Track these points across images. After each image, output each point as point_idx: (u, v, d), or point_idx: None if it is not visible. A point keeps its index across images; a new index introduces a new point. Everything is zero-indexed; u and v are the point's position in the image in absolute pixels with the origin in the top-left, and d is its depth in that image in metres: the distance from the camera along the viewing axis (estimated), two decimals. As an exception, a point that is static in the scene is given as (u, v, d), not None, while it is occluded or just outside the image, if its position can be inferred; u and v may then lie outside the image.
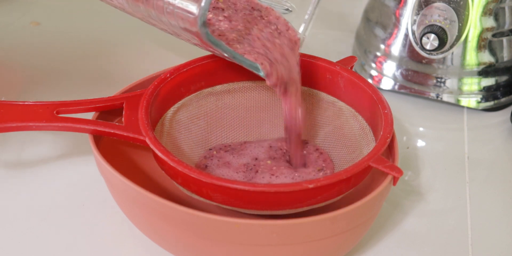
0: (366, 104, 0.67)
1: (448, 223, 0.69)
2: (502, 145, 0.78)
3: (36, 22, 0.95)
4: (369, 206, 0.59)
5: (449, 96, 0.81)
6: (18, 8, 0.98)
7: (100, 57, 0.89)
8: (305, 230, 0.57)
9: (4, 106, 0.62)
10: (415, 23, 0.78)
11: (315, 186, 0.57)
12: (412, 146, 0.77)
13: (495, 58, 0.80)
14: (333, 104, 0.70)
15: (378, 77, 0.83)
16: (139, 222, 0.62)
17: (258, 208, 0.59)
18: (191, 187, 0.59)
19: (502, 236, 0.68)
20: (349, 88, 0.68)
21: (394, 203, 0.70)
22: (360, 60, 0.84)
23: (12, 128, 0.61)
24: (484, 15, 0.77)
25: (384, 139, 0.61)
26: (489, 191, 0.72)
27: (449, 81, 0.80)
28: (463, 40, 0.78)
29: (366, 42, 0.84)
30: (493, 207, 0.71)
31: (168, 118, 0.67)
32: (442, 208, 0.71)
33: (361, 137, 0.67)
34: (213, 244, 0.58)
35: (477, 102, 0.81)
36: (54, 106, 0.63)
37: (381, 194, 0.59)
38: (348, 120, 0.69)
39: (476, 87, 0.81)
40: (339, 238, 0.59)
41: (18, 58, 0.89)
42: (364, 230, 0.62)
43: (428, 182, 0.73)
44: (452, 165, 0.75)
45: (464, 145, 0.78)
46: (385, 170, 0.59)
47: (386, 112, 0.64)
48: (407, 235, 0.67)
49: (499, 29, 0.79)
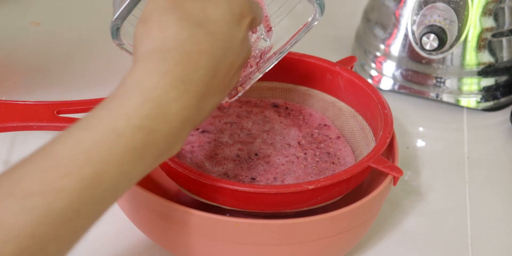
0: (366, 104, 0.67)
1: (448, 223, 0.69)
2: (502, 145, 0.78)
3: (36, 22, 0.95)
4: (369, 206, 0.59)
5: (449, 96, 0.81)
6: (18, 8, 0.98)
7: (101, 57, 0.89)
8: (305, 229, 0.57)
9: (5, 106, 0.62)
10: (414, 23, 0.78)
11: (315, 187, 0.57)
12: (412, 146, 0.77)
13: (494, 58, 0.80)
14: (333, 104, 0.70)
15: (378, 77, 0.83)
16: (139, 222, 0.62)
17: (259, 209, 0.59)
18: (191, 188, 0.59)
19: (502, 235, 0.68)
20: (349, 88, 0.68)
21: (394, 203, 0.70)
22: (360, 60, 0.84)
23: (13, 128, 0.61)
24: (483, 15, 0.77)
25: (384, 139, 0.61)
26: (488, 191, 0.72)
27: (448, 81, 0.80)
28: (462, 40, 0.78)
29: (366, 42, 0.84)
30: (492, 206, 0.71)
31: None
32: (442, 208, 0.71)
33: (361, 137, 0.67)
34: (213, 244, 0.58)
35: (477, 102, 0.81)
36: (55, 106, 0.63)
37: (381, 194, 0.59)
38: (348, 120, 0.69)
39: (476, 87, 0.81)
40: (339, 238, 0.59)
41: (18, 58, 0.89)
42: (364, 230, 0.62)
43: (428, 182, 0.73)
44: (452, 165, 0.75)
45: (464, 145, 0.78)
46: (385, 170, 0.59)
47: (386, 112, 0.64)
48: (407, 235, 0.67)
49: (499, 29, 0.79)
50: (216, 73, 0.49)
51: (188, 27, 0.48)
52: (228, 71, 0.51)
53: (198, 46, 0.48)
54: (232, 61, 0.51)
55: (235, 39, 0.50)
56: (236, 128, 0.68)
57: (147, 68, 0.47)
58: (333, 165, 0.65)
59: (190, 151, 0.65)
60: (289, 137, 0.68)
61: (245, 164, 0.64)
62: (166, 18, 0.49)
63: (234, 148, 0.66)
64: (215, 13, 0.50)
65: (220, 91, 0.51)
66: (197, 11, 0.49)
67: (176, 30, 0.48)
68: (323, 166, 0.65)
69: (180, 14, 0.49)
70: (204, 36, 0.48)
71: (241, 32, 0.51)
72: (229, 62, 0.50)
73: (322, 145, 0.67)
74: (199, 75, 0.48)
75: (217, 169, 0.64)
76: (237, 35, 0.51)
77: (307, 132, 0.68)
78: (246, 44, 0.52)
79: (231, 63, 0.50)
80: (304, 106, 0.71)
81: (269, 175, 0.63)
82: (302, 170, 0.64)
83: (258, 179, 0.63)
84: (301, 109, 0.71)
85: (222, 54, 0.49)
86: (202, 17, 0.49)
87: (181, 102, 0.47)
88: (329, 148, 0.67)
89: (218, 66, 0.49)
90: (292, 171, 0.64)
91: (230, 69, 0.51)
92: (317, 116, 0.70)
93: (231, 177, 0.63)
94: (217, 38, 0.49)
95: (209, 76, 0.49)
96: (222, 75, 0.50)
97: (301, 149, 0.66)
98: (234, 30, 0.50)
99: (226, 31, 0.50)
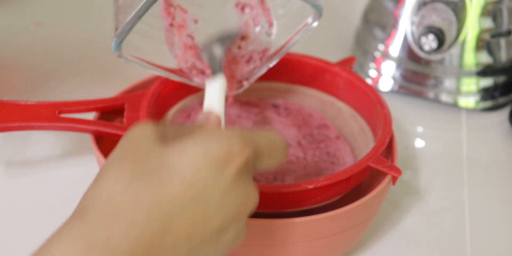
0: (365, 104, 0.67)
1: (447, 222, 0.69)
2: (501, 145, 0.79)
3: (38, 23, 0.95)
4: (368, 205, 0.59)
5: (447, 96, 0.81)
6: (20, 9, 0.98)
7: (102, 58, 0.89)
8: (304, 229, 0.57)
9: (6, 106, 0.62)
10: (413, 23, 0.79)
11: (315, 186, 0.57)
12: (411, 146, 0.78)
13: (493, 59, 0.80)
14: (332, 105, 0.70)
15: (377, 77, 0.83)
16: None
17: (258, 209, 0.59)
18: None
19: (500, 235, 0.68)
20: (348, 89, 0.69)
21: (393, 203, 0.70)
22: (359, 60, 0.84)
23: (14, 128, 0.62)
24: (482, 15, 0.78)
25: (383, 139, 0.62)
26: (487, 191, 0.73)
27: (447, 81, 0.81)
28: (461, 41, 0.78)
29: (365, 43, 0.84)
30: (491, 206, 0.71)
31: (169, 118, 0.67)
32: (440, 208, 0.71)
33: (361, 137, 0.67)
34: (214, 243, 0.58)
35: (476, 102, 0.82)
36: (56, 106, 0.63)
37: (380, 193, 0.59)
38: (347, 120, 0.69)
39: (475, 88, 0.81)
40: (338, 237, 0.59)
41: (20, 59, 0.89)
42: (363, 230, 0.62)
43: (426, 182, 0.73)
44: (451, 165, 0.75)
45: (462, 145, 0.78)
46: (384, 170, 0.60)
47: (385, 112, 0.64)
48: (405, 234, 0.68)
49: (497, 30, 0.79)
50: (164, 235, 0.38)
51: (126, 178, 0.39)
52: (196, 232, 0.39)
53: (135, 198, 0.38)
54: (206, 219, 0.39)
55: (210, 190, 0.40)
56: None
57: (64, 229, 0.39)
58: (333, 165, 0.66)
59: None
60: (289, 137, 0.68)
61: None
62: (110, 167, 0.41)
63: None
64: (177, 159, 0.39)
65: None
66: (151, 157, 0.40)
67: (111, 181, 0.40)
68: (322, 166, 0.65)
69: (124, 163, 0.40)
70: (146, 188, 0.38)
71: (224, 179, 0.40)
72: (200, 220, 0.39)
73: (321, 145, 0.67)
74: (129, 238, 0.37)
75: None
76: (215, 186, 0.40)
77: (307, 132, 0.69)
78: (231, 197, 0.41)
79: (203, 222, 0.39)
80: (304, 106, 0.71)
81: (268, 175, 0.64)
82: (302, 170, 0.64)
83: (258, 179, 0.63)
84: (300, 109, 0.71)
85: (178, 210, 0.38)
86: (154, 165, 0.39)
87: None
88: (329, 148, 0.67)
89: (168, 226, 0.38)
90: (292, 171, 0.64)
91: (204, 228, 0.40)
92: (317, 116, 0.70)
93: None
94: (172, 189, 0.38)
95: (149, 239, 0.38)
96: (183, 237, 0.39)
97: (301, 149, 0.67)
98: (208, 178, 0.40)
99: (194, 180, 0.39)
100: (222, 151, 0.40)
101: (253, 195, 0.42)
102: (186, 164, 0.39)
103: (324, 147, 0.67)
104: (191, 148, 0.40)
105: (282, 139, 0.45)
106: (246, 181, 0.42)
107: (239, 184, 0.41)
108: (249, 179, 0.42)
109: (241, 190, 0.41)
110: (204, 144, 0.40)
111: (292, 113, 0.71)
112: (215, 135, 0.41)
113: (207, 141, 0.40)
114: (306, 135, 0.68)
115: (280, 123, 0.69)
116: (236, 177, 0.41)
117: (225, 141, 0.40)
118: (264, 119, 0.70)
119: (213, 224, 0.40)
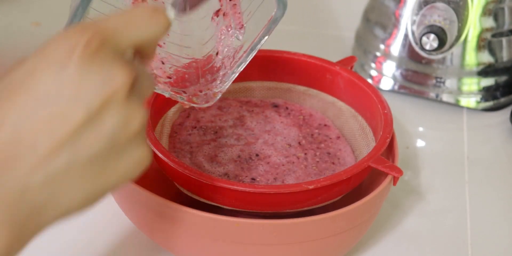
0: (366, 104, 0.67)
1: (448, 222, 0.69)
2: (502, 145, 0.79)
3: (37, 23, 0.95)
4: (369, 205, 0.59)
5: (448, 96, 0.81)
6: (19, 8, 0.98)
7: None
8: (305, 229, 0.57)
9: (5, 106, 0.62)
10: (414, 23, 0.79)
11: (315, 187, 0.57)
12: (411, 146, 0.77)
13: (494, 58, 0.80)
14: (333, 104, 0.70)
15: (378, 77, 0.83)
16: (139, 222, 0.63)
17: (259, 209, 0.59)
18: (191, 188, 0.60)
19: (501, 235, 0.68)
20: (349, 88, 0.69)
21: (394, 203, 0.70)
22: (360, 60, 0.84)
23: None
24: (483, 15, 0.78)
25: (383, 139, 0.62)
26: (488, 191, 0.73)
27: (448, 81, 0.81)
28: (462, 40, 0.78)
29: (365, 42, 0.84)
30: (492, 206, 0.71)
31: (168, 118, 0.67)
32: (441, 208, 0.71)
33: (361, 137, 0.67)
34: (213, 244, 0.58)
35: (477, 102, 0.81)
36: (55, 106, 0.63)
37: (381, 194, 0.59)
38: (348, 120, 0.69)
39: (476, 87, 0.81)
40: (339, 238, 0.59)
41: (19, 59, 0.89)
42: (364, 230, 0.62)
43: (427, 182, 0.73)
44: (452, 165, 0.75)
45: (463, 145, 0.78)
46: (385, 170, 0.59)
47: (386, 112, 0.64)
48: (406, 234, 0.67)
49: (499, 29, 0.79)
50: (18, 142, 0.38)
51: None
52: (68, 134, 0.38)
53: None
54: (64, 114, 0.38)
55: (56, 86, 0.38)
56: (237, 128, 0.68)
57: None
58: (333, 165, 0.66)
59: (190, 151, 0.65)
60: (289, 137, 0.68)
61: (245, 164, 0.65)
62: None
63: (236, 149, 0.66)
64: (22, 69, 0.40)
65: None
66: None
67: None
68: (323, 166, 0.65)
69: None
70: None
71: (68, 70, 0.39)
72: (58, 117, 0.38)
73: (322, 145, 0.67)
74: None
75: (217, 169, 0.64)
76: (60, 79, 0.38)
77: (307, 132, 0.69)
78: (85, 83, 0.38)
79: (62, 118, 0.38)
80: (304, 106, 0.71)
81: (269, 176, 0.63)
82: (302, 170, 0.64)
83: (259, 179, 0.63)
84: (301, 109, 0.71)
85: (27, 115, 0.38)
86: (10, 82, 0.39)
87: None
88: (329, 148, 0.67)
89: (18, 131, 0.38)
90: (293, 171, 0.64)
91: (64, 123, 0.38)
92: (317, 116, 0.70)
93: (231, 177, 0.63)
94: (16, 100, 0.38)
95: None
96: (43, 136, 0.38)
97: (302, 149, 0.67)
98: (48, 77, 0.39)
99: (33, 84, 0.39)
100: (62, 45, 0.39)
101: (119, 75, 0.39)
102: (26, 71, 0.40)
103: (324, 147, 0.67)
104: (34, 55, 0.40)
105: (143, 7, 0.42)
106: (103, 63, 0.39)
107: (93, 68, 0.39)
108: (108, 60, 0.39)
109: (97, 74, 0.39)
110: (47, 49, 0.40)
111: (292, 113, 0.71)
112: (60, 34, 0.40)
113: (52, 44, 0.39)
114: (306, 135, 0.68)
115: (281, 123, 0.69)
116: (84, 62, 0.38)
117: (65, 34, 0.39)
118: (264, 119, 0.70)
119: (75, 116, 0.38)
